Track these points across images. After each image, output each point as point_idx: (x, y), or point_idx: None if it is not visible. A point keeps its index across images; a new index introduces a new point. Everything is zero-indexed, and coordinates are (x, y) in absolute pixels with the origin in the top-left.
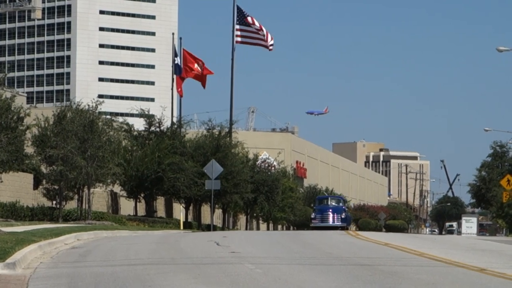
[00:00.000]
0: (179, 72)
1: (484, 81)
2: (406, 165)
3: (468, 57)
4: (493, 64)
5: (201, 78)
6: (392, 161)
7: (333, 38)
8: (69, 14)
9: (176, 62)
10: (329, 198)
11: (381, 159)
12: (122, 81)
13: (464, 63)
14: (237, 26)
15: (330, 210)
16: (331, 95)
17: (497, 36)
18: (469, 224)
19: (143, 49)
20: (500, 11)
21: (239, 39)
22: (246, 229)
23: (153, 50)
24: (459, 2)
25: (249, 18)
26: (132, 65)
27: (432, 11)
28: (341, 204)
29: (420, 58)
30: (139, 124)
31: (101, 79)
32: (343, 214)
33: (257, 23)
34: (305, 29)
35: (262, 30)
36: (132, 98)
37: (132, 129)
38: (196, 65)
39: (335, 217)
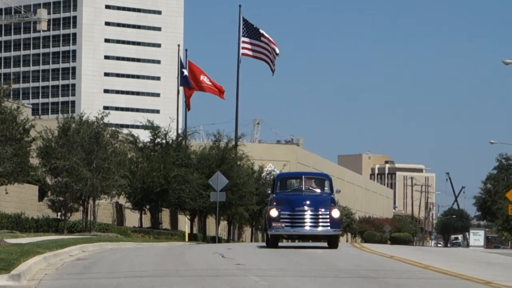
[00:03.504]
0: (188, 84)
1: (490, 93)
2: (412, 178)
3: (475, 69)
4: (500, 76)
5: (215, 91)
6: (398, 173)
7: (339, 50)
8: (74, 26)
9: (184, 74)
10: (304, 178)
11: (387, 171)
12: (127, 92)
13: (470, 75)
14: (243, 39)
15: (307, 203)
16: (336, 107)
17: (502, 47)
18: (477, 237)
19: (148, 61)
20: (506, 22)
21: (245, 51)
22: (251, 241)
23: (158, 62)
24: (463, 13)
25: (259, 31)
26: (138, 76)
27: (436, 22)
28: (326, 188)
29: (426, 70)
30: (144, 136)
31: (106, 91)
32: (333, 209)
33: (266, 36)
34: (310, 40)
35: (270, 44)
36: (137, 110)
37: (138, 140)
38: (202, 77)
39: (319, 217)
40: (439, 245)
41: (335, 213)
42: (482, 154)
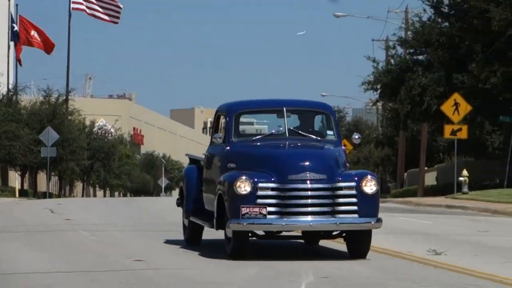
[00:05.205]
0: (18, 39)
1: (322, 45)
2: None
3: (306, 20)
4: (331, 30)
5: (44, 46)
6: None
7: (170, 4)
8: None
9: (14, 29)
10: (285, 111)
11: None
12: None
13: (302, 27)
14: None
15: (308, 166)
16: (169, 61)
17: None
18: None
19: None
20: None
21: (76, 5)
22: (83, 196)
23: None
24: None
25: None
26: None
27: None
28: (330, 133)
29: (252, 20)
30: None
31: None
32: (366, 178)
33: None
34: None
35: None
36: None
37: None
38: (33, 33)
39: (339, 194)
40: None
41: (370, 187)
42: None
